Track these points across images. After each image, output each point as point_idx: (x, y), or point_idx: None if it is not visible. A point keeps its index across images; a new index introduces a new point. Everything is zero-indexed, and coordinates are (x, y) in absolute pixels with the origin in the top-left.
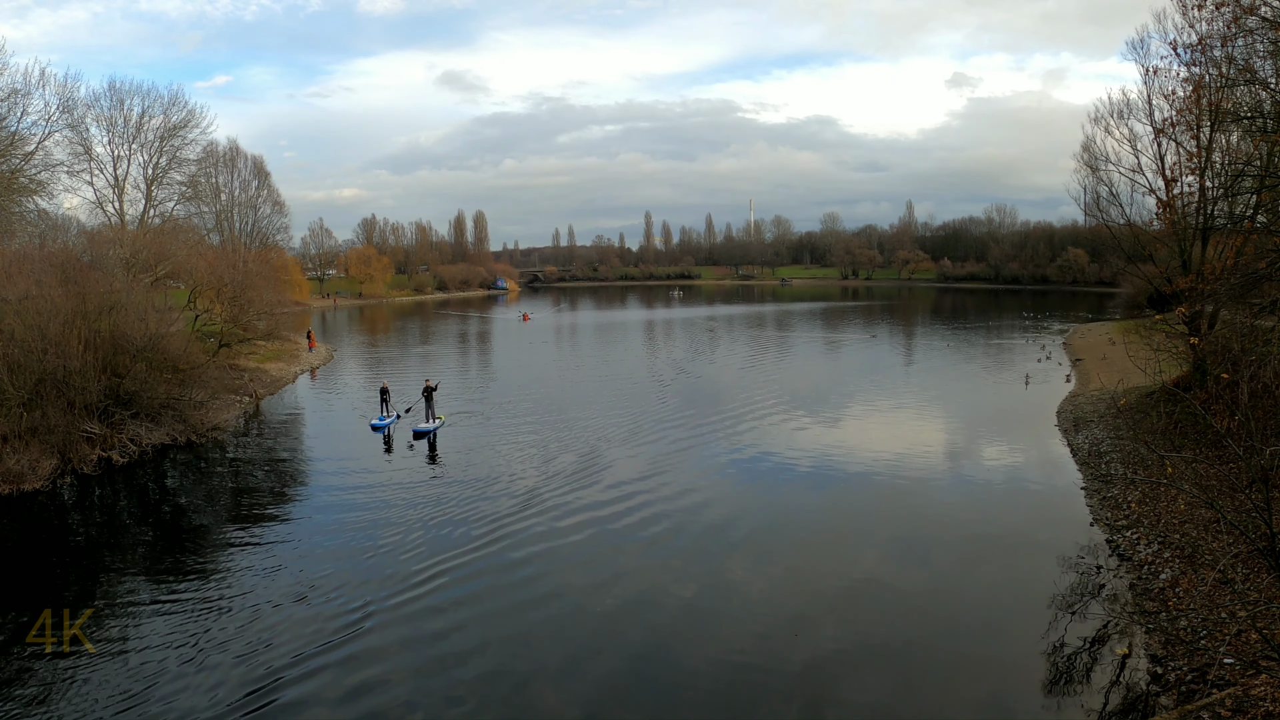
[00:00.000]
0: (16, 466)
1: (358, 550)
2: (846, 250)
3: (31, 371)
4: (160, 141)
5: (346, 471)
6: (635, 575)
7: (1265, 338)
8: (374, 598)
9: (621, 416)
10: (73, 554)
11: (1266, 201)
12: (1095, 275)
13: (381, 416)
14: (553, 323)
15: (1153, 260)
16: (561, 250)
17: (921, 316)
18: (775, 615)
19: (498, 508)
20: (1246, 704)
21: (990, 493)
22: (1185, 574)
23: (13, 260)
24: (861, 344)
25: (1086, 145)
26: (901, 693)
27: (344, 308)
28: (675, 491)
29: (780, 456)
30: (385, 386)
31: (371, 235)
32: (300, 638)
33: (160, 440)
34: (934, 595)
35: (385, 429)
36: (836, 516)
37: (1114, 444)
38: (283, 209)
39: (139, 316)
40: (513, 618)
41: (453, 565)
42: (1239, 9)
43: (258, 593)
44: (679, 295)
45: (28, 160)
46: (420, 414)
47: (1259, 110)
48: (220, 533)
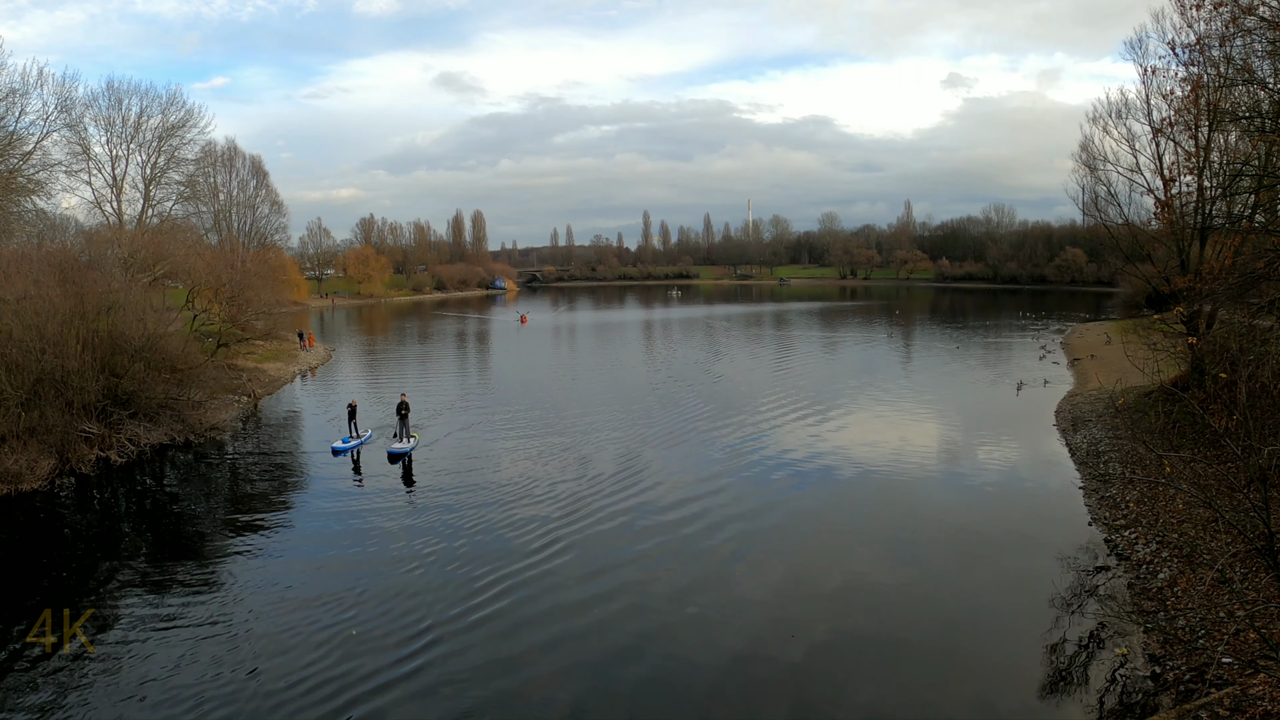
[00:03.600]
0: (15, 466)
1: (358, 551)
2: (845, 250)
3: (30, 371)
4: (158, 141)
5: (346, 474)
6: (631, 574)
7: (1263, 337)
8: (374, 597)
9: (620, 417)
10: (72, 554)
11: (1264, 201)
12: (1093, 275)
13: (346, 438)
14: (551, 323)
15: (1151, 260)
16: (560, 250)
17: (920, 316)
18: (771, 615)
19: (491, 515)
20: (1245, 703)
21: (988, 492)
22: (1183, 573)
23: (11, 260)
24: (861, 344)
25: (1084, 145)
26: (900, 693)
27: (342, 308)
28: (678, 490)
29: (777, 456)
30: (354, 405)
31: (369, 235)
32: (300, 638)
33: (158, 440)
34: (932, 595)
35: (349, 452)
36: (833, 515)
37: (1112, 443)
38: (281, 209)
39: (137, 316)
40: (508, 615)
41: (434, 567)
42: (1237, 9)
43: (256, 592)
44: (677, 295)
45: (26, 160)
46: (391, 434)
47: (1257, 110)
48: (218, 533)
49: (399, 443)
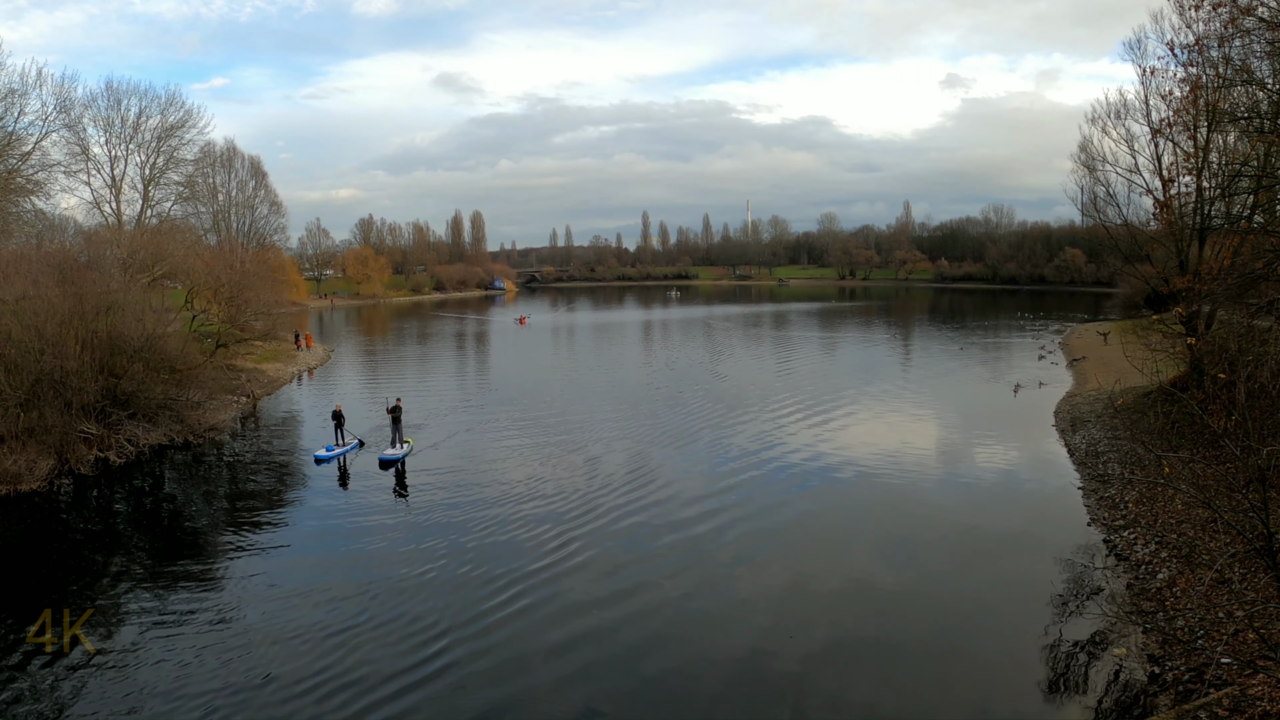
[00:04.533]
0: (14, 467)
1: (358, 551)
2: (844, 250)
3: (28, 372)
4: (157, 142)
5: (346, 475)
6: (628, 573)
7: (1262, 338)
8: (370, 598)
9: (619, 418)
10: (71, 554)
11: (1263, 202)
12: (1093, 275)
13: (330, 446)
14: (551, 324)
15: (1150, 260)
16: (559, 250)
17: (919, 317)
18: (772, 616)
19: (490, 514)
20: (1244, 703)
21: (988, 493)
22: (1182, 574)
23: (9, 260)
24: (860, 344)
25: (1084, 145)
26: (899, 693)
27: (341, 308)
28: (680, 491)
29: (776, 456)
30: (339, 410)
31: (369, 235)
32: (299, 637)
33: (157, 441)
34: (931, 595)
35: (334, 460)
36: (833, 516)
37: (1111, 444)
38: (280, 209)
39: (136, 317)
40: (510, 614)
41: (439, 566)
42: (1236, 9)
43: (256, 592)
44: (677, 295)
45: (25, 160)
46: (387, 439)
47: (1256, 110)
48: (217, 533)
49: (391, 449)
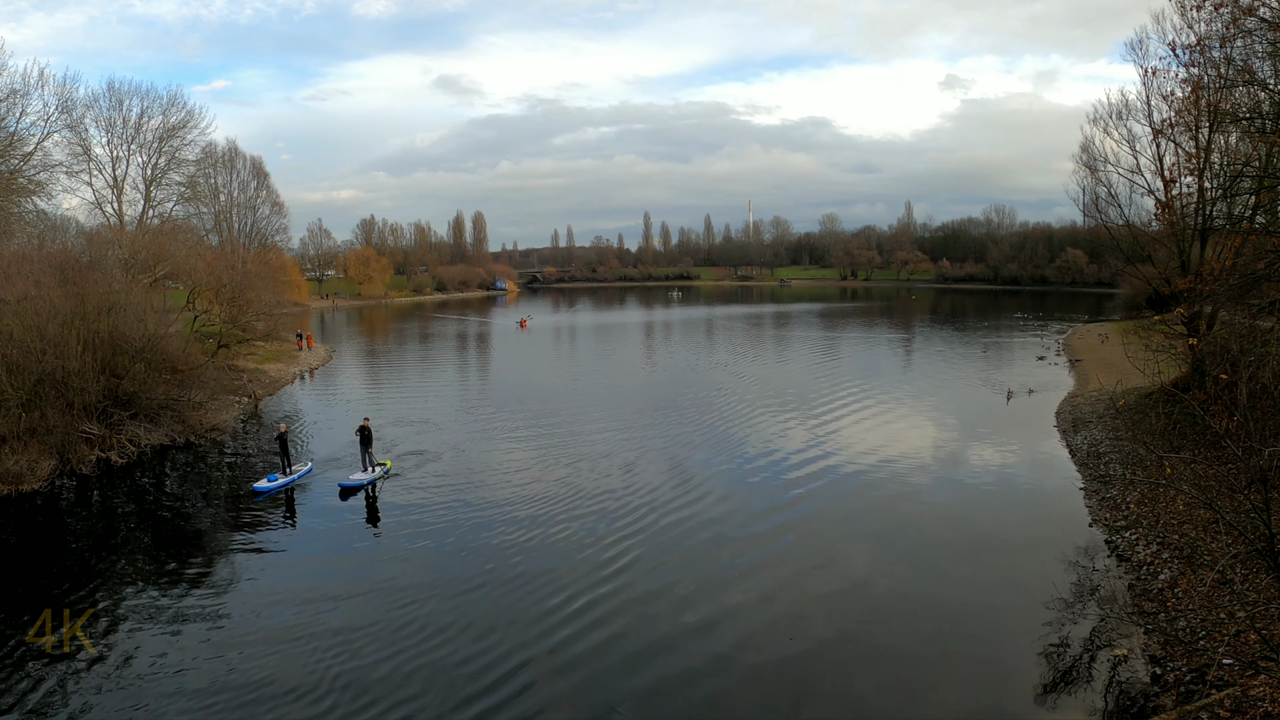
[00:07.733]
0: (15, 467)
1: (356, 554)
2: (845, 251)
3: (30, 372)
4: (159, 142)
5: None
6: (628, 574)
7: (1264, 338)
8: (370, 598)
9: (620, 419)
10: (72, 554)
11: (1265, 202)
12: (1094, 276)
13: (272, 475)
14: (553, 324)
15: (1151, 261)
16: (560, 251)
17: (920, 318)
18: (773, 616)
19: (484, 515)
20: (1245, 704)
21: (989, 493)
22: (1184, 574)
23: (11, 261)
24: (859, 345)
25: (1085, 146)
26: (900, 693)
27: (343, 309)
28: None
29: (776, 457)
30: (284, 431)
31: (370, 236)
32: (300, 638)
33: (159, 441)
34: (933, 596)
35: (274, 492)
36: (832, 516)
37: (1113, 445)
38: (281, 210)
39: (138, 317)
40: (511, 616)
41: (421, 567)
42: (1238, 10)
43: (256, 592)
44: (678, 296)
45: (26, 161)
46: (356, 463)
47: (1258, 111)
48: (218, 533)
49: (358, 473)
